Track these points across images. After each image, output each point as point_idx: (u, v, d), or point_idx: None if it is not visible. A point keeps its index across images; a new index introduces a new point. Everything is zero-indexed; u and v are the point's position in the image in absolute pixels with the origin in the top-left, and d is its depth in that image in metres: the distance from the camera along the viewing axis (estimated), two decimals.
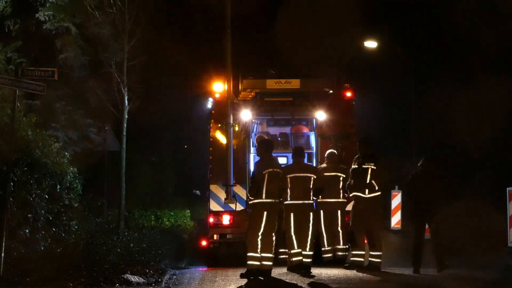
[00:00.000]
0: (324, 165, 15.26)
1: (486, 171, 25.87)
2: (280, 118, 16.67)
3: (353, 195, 14.38)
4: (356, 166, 14.32)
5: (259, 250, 12.94)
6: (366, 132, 17.00)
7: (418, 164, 14.87)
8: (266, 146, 13.54)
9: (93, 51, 17.90)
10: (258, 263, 12.94)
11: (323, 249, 15.03)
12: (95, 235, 15.22)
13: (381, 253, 14.13)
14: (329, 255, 15.06)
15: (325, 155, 15.34)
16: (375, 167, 14.17)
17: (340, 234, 15.06)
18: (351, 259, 14.38)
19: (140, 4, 17.16)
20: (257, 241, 12.95)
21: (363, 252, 14.22)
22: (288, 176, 13.74)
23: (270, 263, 13.08)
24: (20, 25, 18.19)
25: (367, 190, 14.18)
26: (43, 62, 17.59)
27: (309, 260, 13.79)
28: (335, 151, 15.30)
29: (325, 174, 14.94)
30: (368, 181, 14.13)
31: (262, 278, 12.88)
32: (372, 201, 14.22)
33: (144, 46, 17.63)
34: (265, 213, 12.98)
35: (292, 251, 13.70)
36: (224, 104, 15.61)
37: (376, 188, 14.15)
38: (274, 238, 13.20)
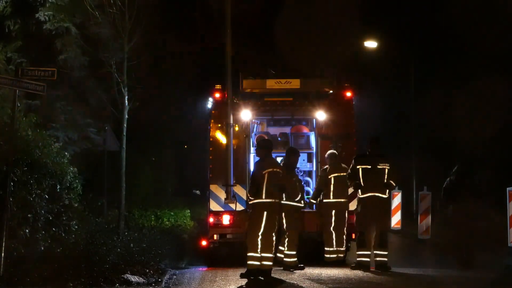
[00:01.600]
0: (327, 166, 15.33)
1: (486, 171, 25.85)
2: (280, 118, 16.67)
3: (372, 196, 14.25)
4: (369, 167, 14.25)
5: (259, 250, 12.92)
6: (366, 132, 17.02)
7: (452, 171, 15.32)
8: (266, 146, 13.54)
9: (93, 51, 17.90)
10: (258, 263, 12.93)
11: (329, 249, 15.07)
12: (95, 235, 15.21)
13: (388, 252, 14.23)
14: (334, 255, 15.09)
15: (327, 156, 15.37)
16: (389, 167, 14.23)
17: (344, 235, 15.17)
18: (358, 259, 14.36)
19: (140, 4, 17.15)
20: (257, 241, 12.92)
21: (369, 252, 14.23)
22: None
23: (270, 263, 13.06)
24: (20, 25, 18.18)
25: (387, 191, 14.25)
26: (43, 62, 17.57)
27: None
28: (335, 152, 15.38)
29: (334, 175, 15.10)
30: (386, 181, 14.17)
31: (262, 278, 12.87)
32: (388, 201, 14.40)
33: (144, 46, 17.64)
34: (265, 213, 12.97)
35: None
36: (224, 104, 15.61)
37: (395, 187, 14.33)
38: (274, 238, 13.19)
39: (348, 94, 16.15)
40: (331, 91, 16.18)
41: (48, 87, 13.50)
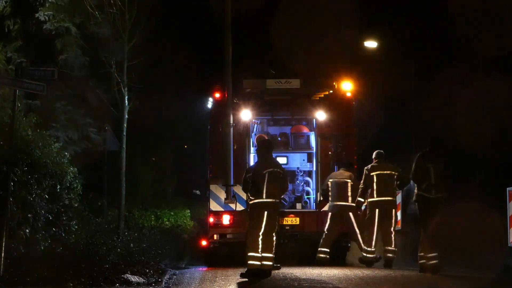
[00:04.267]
0: (374, 163, 15.35)
1: (486, 171, 25.86)
2: (280, 118, 16.68)
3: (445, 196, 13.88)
4: (443, 165, 13.83)
5: (260, 250, 12.93)
6: (366, 132, 17.08)
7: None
8: (266, 146, 13.54)
9: (93, 51, 17.90)
10: (258, 262, 12.93)
11: (369, 249, 15.04)
12: (95, 235, 15.20)
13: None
14: (372, 255, 15.06)
15: (374, 155, 15.36)
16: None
17: (392, 235, 15.20)
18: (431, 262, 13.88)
19: (140, 4, 17.16)
20: (258, 241, 12.93)
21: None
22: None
23: (271, 263, 13.07)
24: (20, 25, 18.19)
25: None
26: (43, 62, 17.59)
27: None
28: (382, 151, 15.43)
29: (378, 172, 15.15)
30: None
31: (262, 278, 12.87)
32: None
33: (144, 46, 17.64)
34: (266, 213, 12.97)
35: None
36: (224, 104, 15.62)
37: None
38: (274, 238, 13.18)
39: (348, 94, 16.15)
40: (331, 91, 16.18)
41: (48, 87, 13.48)
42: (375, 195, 15.21)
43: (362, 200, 15.34)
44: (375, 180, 15.20)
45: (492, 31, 24.69)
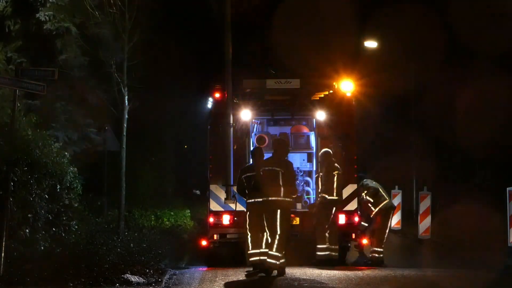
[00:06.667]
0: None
1: (486, 171, 25.86)
2: (280, 118, 16.67)
3: None
4: None
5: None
6: (365, 132, 17.06)
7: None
8: (280, 147, 13.79)
9: (93, 51, 17.90)
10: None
11: (322, 246, 15.11)
12: (95, 235, 15.23)
13: None
14: (327, 253, 15.02)
15: (321, 154, 15.32)
16: None
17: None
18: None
19: (140, 4, 17.16)
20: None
21: None
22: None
23: (271, 260, 13.13)
24: (20, 25, 18.19)
25: None
26: (43, 62, 17.60)
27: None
28: (329, 150, 15.37)
29: (336, 172, 15.14)
30: None
31: (262, 277, 12.90)
32: None
33: (144, 46, 17.63)
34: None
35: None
36: (224, 104, 15.61)
37: None
38: (276, 237, 13.18)
39: (348, 94, 16.13)
40: (331, 91, 16.17)
41: (48, 87, 13.50)
42: (334, 194, 15.13)
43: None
44: (335, 179, 15.15)
45: (494, 30, 24.68)
